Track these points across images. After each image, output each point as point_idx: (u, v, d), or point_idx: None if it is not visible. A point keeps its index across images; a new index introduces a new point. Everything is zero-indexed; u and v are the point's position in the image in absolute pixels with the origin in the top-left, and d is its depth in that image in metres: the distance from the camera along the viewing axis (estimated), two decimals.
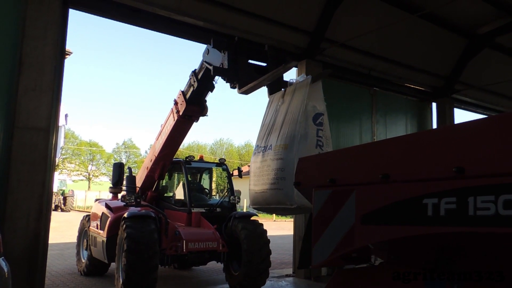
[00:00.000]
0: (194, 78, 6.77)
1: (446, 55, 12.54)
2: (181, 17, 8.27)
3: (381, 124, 12.11)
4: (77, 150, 57.96)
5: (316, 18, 9.68)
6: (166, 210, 8.50)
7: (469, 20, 11.43)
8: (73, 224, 22.32)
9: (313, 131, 4.27)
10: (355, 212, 2.37)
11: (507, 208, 1.64)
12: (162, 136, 8.24)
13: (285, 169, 4.06)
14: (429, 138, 2.10)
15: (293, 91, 4.62)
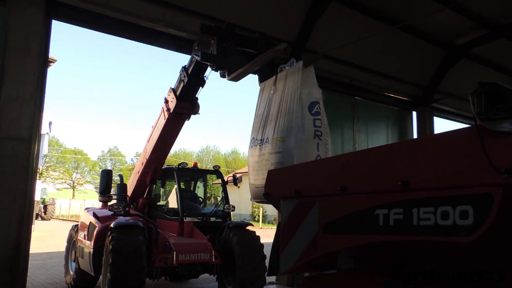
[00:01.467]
0: (184, 73, 6.54)
1: (425, 65, 12.89)
2: (164, 28, 8.40)
3: (362, 133, 12.36)
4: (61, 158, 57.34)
5: (297, 30, 9.91)
6: (158, 219, 8.20)
7: (447, 31, 11.81)
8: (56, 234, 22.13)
9: (310, 121, 4.08)
10: (318, 222, 2.53)
11: (444, 219, 1.81)
12: (153, 137, 7.95)
13: (284, 162, 3.90)
14: (379, 153, 2.27)
15: (284, 78, 4.37)
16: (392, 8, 10.45)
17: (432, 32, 11.74)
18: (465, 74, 13.50)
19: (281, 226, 2.85)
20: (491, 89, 1.68)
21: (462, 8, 10.44)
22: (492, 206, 1.63)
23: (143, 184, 8.39)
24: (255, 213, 35.01)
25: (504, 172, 1.59)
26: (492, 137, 1.65)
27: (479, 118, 1.69)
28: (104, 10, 7.65)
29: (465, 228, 1.72)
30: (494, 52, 12.88)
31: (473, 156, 1.71)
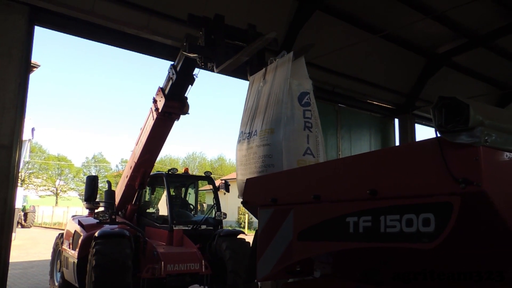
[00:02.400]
0: (173, 71, 6.30)
1: (407, 73, 13.15)
2: (149, 35, 8.42)
3: (346, 140, 12.52)
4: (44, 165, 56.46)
5: (282, 38, 10.03)
6: (147, 227, 7.98)
7: (428, 40, 12.08)
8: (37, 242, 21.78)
9: (300, 112, 3.92)
10: (293, 229, 2.59)
11: (408, 226, 1.90)
12: (142, 139, 7.69)
13: (273, 155, 3.73)
14: (350, 163, 2.36)
15: (274, 69, 4.22)
16: (375, 17, 10.67)
17: (414, 41, 12.00)
18: (445, 82, 13.80)
19: (258, 233, 2.91)
20: (450, 102, 1.77)
21: (442, 17, 10.71)
22: (452, 214, 1.72)
23: (132, 189, 8.13)
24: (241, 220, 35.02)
25: (462, 182, 1.68)
26: (451, 149, 1.74)
27: (439, 131, 1.78)
28: (88, 16, 7.65)
29: (428, 235, 1.81)
30: (473, 61, 13.21)
31: (435, 166, 1.80)
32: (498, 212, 1.66)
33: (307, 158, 3.73)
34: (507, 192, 1.72)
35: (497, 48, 12.49)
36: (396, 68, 12.76)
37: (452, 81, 13.89)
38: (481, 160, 1.65)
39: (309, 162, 3.68)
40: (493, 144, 1.70)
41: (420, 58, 12.84)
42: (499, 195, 1.66)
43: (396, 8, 10.18)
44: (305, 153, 3.77)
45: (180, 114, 6.94)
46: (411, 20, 10.15)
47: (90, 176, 7.63)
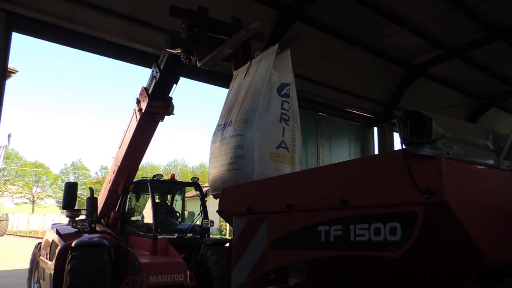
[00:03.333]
0: (156, 69, 6.04)
1: (385, 83, 13.43)
2: (129, 43, 8.42)
3: (326, 148, 12.67)
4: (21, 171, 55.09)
5: (262, 47, 10.12)
6: (130, 235, 7.67)
7: (405, 52, 12.39)
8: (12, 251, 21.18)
9: (277, 102, 3.70)
10: (267, 238, 2.63)
11: (376, 235, 1.95)
12: (125, 141, 7.37)
13: (245, 146, 3.53)
14: (321, 173, 2.42)
15: (258, 62, 4.07)
16: (354, 29, 10.89)
17: (392, 52, 12.29)
18: (422, 92, 14.15)
19: (233, 242, 2.93)
20: (415, 116, 1.84)
21: (419, 30, 11.02)
22: (416, 223, 1.78)
23: (115, 195, 7.79)
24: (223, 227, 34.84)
25: (425, 192, 1.75)
26: (415, 160, 1.81)
27: (404, 143, 1.85)
28: (68, 23, 7.61)
29: (394, 244, 1.86)
30: (449, 72, 13.60)
31: (401, 177, 1.86)
32: (459, 221, 1.73)
33: (281, 152, 3.57)
34: (468, 202, 1.79)
35: (471, 60, 12.89)
36: (375, 78, 13.02)
37: (429, 91, 14.25)
38: (443, 171, 1.72)
39: (282, 157, 3.54)
40: (455, 156, 1.78)
41: (397, 68, 13.15)
42: (460, 205, 1.74)
43: (374, 20, 10.43)
44: (279, 146, 3.59)
45: (165, 115, 6.70)
46: (389, 32, 10.41)
47: (69, 183, 7.24)
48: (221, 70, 9.96)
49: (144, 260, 6.52)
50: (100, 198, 8.09)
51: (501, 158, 1.97)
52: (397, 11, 10.25)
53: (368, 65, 12.49)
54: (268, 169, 3.43)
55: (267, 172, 3.40)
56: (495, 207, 1.94)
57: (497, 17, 10.62)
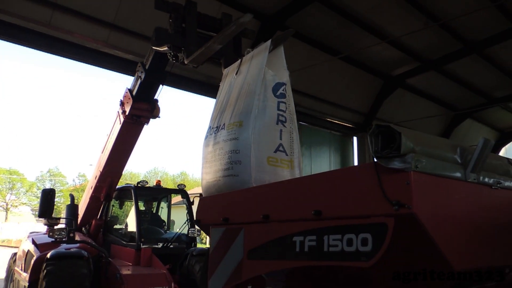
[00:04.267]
0: (141, 69, 5.76)
1: (365, 94, 13.68)
2: (109, 49, 8.37)
3: (306, 157, 12.78)
4: None
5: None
6: (113, 245, 7.34)
7: (384, 63, 12.66)
8: None
9: (273, 104, 3.52)
10: (243, 248, 2.65)
11: (349, 245, 2.00)
12: (108, 146, 7.03)
13: (240, 150, 3.34)
14: (296, 184, 2.46)
15: (250, 59, 3.84)
16: (335, 40, 11.07)
17: (371, 63, 12.55)
18: (400, 103, 14.46)
19: (210, 252, 2.94)
20: (385, 130, 1.90)
21: (397, 42, 11.29)
22: (386, 234, 1.83)
23: (97, 202, 7.43)
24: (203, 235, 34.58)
25: (395, 204, 1.80)
26: (386, 173, 1.87)
27: (376, 156, 1.90)
28: (46, 29, 7.52)
29: (365, 254, 1.91)
30: (426, 83, 13.94)
31: (372, 189, 1.92)
32: (427, 232, 1.79)
33: (279, 156, 3.38)
34: (435, 213, 1.85)
35: (447, 72, 13.27)
36: (355, 88, 13.25)
37: (407, 102, 14.57)
38: (412, 184, 1.78)
39: (281, 161, 3.36)
40: (423, 169, 1.84)
41: (377, 79, 13.42)
42: (428, 217, 1.79)
43: (355, 32, 10.64)
44: (277, 149, 3.40)
45: (150, 118, 6.40)
46: (369, 43, 10.64)
47: (46, 190, 6.83)
48: (202, 78, 10.00)
49: (126, 272, 6.23)
50: (81, 205, 7.80)
51: (467, 171, 2.04)
52: (376, 24, 10.49)
53: (348, 75, 12.71)
54: (266, 175, 3.26)
55: (265, 177, 3.23)
56: (461, 218, 2.01)
57: (471, 32, 10.97)
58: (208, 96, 10.75)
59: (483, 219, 2.15)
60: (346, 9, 9.82)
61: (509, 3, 9.66)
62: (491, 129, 18.85)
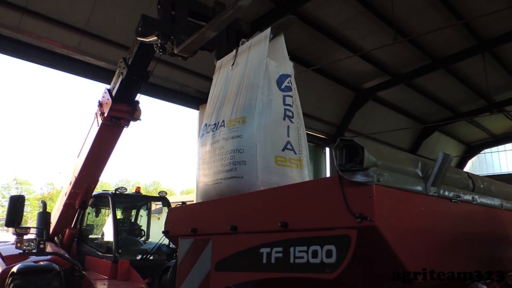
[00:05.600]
0: (123, 64, 5.34)
1: (337, 106, 13.93)
2: (80, 56, 8.23)
3: None
4: None
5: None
6: (87, 256, 6.86)
7: (356, 76, 12.97)
8: None
9: (279, 98, 3.23)
10: (211, 260, 2.64)
11: (314, 257, 2.03)
12: (85, 149, 6.56)
13: (245, 150, 3.04)
14: (264, 196, 2.48)
15: (247, 49, 3.54)
16: (308, 52, 11.26)
17: (344, 75, 12.82)
18: (371, 115, 14.79)
19: (178, 264, 2.91)
20: (349, 144, 1.95)
21: (369, 56, 11.59)
22: (350, 246, 1.87)
23: (71, 209, 6.91)
24: None
25: (358, 217, 1.85)
26: (349, 186, 1.92)
27: (340, 169, 1.95)
28: (14, 33, 7.33)
29: (330, 266, 1.94)
30: (396, 96, 14.33)
31: (336, 202, 1.96)
32: (388, 245, 1.84)
33: (287, 155, 3.10)
34: (397, 226, 1.91)
35: (416, 86, 13.69)
36: (327, 100, 13.47)
37: (378, 114, 14.93)
38: (374, 197, 1.83)
39: (289, 160, 3.10)
40: (385, 182, 1.90)
41: (349, 91, 13.70)
42: (389, 230, 1.85)
43: (327, 45, 10.86)
44: (285, 148, 3.11)
45: (131, 120, 6.02)
46: (341, 56, 10.87)
47: (14, 196, 6.36)
48: (175, 87, 9.96)
49: (101, 286, 5.88)
50: (54, 213, 7.32)
51: (428, 185, 2.11)
52: (348, 38, 10.75)
53: (321, 87, 12.92)
54: (274, 176, 2.97)
55: (273, 179, 2.95)
56: (422, 231, 2.08)
57: (439, 47, 11.40)
58: (181, 105, 10.71)
59: (443, 231, 2.23)
60: (319, 22, 10.03)
61: (474, 22, 10.10)
62: (458, 142, 19.52)
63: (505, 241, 2.73)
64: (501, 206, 2.71)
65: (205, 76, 10.26)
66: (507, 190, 2.90)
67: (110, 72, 8.53)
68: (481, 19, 9.52)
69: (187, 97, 10.44)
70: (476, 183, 2.55)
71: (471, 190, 2.51)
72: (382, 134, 14.97)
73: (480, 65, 11.79)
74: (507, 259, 2.69)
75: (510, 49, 11.64)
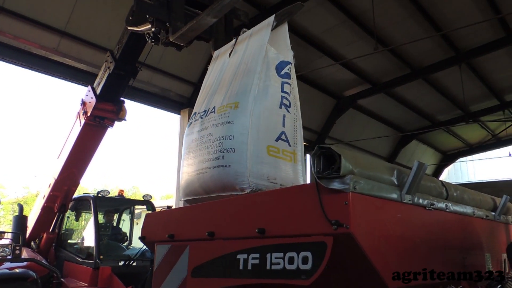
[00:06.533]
0: (111, 58, 5.02)
1: (318, 113, 14.04)
2: (59, 57, 8.09)
3: None
4: None
5: (201, 70, 10.22)
6: (66, 262, 6.53)
7: (337, 84, 13.12)
8: None
9: (277, 84, 2.99)
10: (188, 266, 2.61)
11: (290, 264, 2.03)
12: (65, 150, 6.25)
13: (235, 136, 2.79)
14: (241, 202, 2.48)
15: (248, 38, 3.35)
16: None
17: (325, 83, 12.96)
18: (352, 122, 14.97)
19: (154, 270, 2.88)
20: (327, 152, 1.97)
21: (350, 65, 11.76)
22: (326, 253, 1.89)
23: (50, 213, 6.63)
24: None
25: (334, 224, 1.87)
26: (326, 193, 1.94)
27: (317, 177, 1.97)
28: None
29: (305, 272, 1.95)
30: (376, 105, 14.55)
31: (313, 208, 1.97)
32: (363, 252, 1.86)
33: (281, 146, 2.88)
34: (372, 233, 1.94)
35: (395, 95, 13.94)
36: (309, 107, 13.55)
37: (358, 122, 15.12)
38: (350, 204, 1.86)
39: (283, 151, 2.88)
40: (361, 190, 1.92)
41: (330, 99, 13.84)
42: (364, 237, 1.87)
43: (310, 52, 10.96)
44: (279, 138, 2.88)
45: (115, 120, 5.74)
46: (323, 64, 11.00)
47: None
48: (156, 91, 9.89)
49: None
50: (31, 216, 7.03)
51: (403, 193, 2.15)
52: (330, 46, 10.89)
53: (303, 94, 12.86)
54: (265, 167, 2.77)
55: (264, 170, 2.76)
56: (397, 238, 2.11)
57: (418, 57, 11.65)
58: (162, 109, 10.63)
59: (417, 238, 2.27)
60: (301, 30, 10.13)
61: (452, 34, 10.37)
62: (435, 151, 19.93)
63: (476, 247, 2.80)
64: (473, 214, 2.77)
65: (186, 81, 10.24)
66: (479, 198, 2.98)
67: (89, 74, 8.42)
68: (459, 32, 9.79)
69: (168, 101, 10.37)
70: (450, 191, 2.61)
71: (444, 198, 2.56)
72: (362, 142, 15.16)
73: (457, 76, 12.11)
74: (478, 266, 2.75)
75: (486, 61, 11.99)
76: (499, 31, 10.38)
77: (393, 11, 9.64)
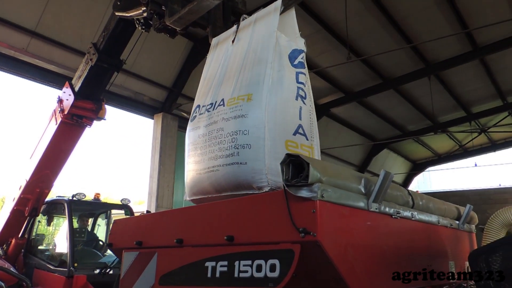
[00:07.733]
0: (93, 50, 4.73)
1: None
2: (29, 58, 7.87)
3: None
4: None
5: (175, 75, 10.16)
6: (37, 270, 6.19)
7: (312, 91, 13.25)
8: None
9: (291, 74, 2.81)
10: (155, 273, 2.57)
11: (258, 271, 2.03)
12: (39, 150, 5.90)
13: (250, 131, 2.61)
14: (209, 209, 2.47)
15: (252, 23, 3.13)
16: None
17: None
18: (326, 130, 15.15)
19: (121, 278, 2.82)
20: (296, 160, 1.99)
21: (324, 73, 11.93)
22: (293, 261, 1.90)
23: (20, 217, 6.26)
24: None
25: (301, 231, 1.88)
26: (295, 201, 1.95)
27: (286, 184, 1.98)
28: None
29: (273, 280, 1.96)
30: (348, 113, 14.80)
31: (282, 216, 1.98)
32: (330, 260, 1.88)
33: (299, 140, 2.70)
34: (338, 241, 1.96)
35: (367, 105, 14.23)
36: None
37: (331, 130, 15.32)
38: (317, 212, 1.87)
39: (301, 146, 2.70)
40: (329, 198, 1.95)
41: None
42: (331, 245, 1.89)
43: None
44: (297, 132, 2.70)
45: (94, 119, 5.48)
46: None
47: None
48: (129, 94, 9.75)
49: None
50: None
51: (370, 201, 2.19)
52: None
53: None
54: None
55: None
56: (363, 246, 2.14)
57: (389, 68, 11.94)
58: (135, 113, 10.46)
59: (384, 246, 2.31)
60: None
61: (422, 46, 10.69)
62: (405, 160, 20.41)
63: (441, 255, 2.87)
64: (438, 223, 2.85)
65: (160, 85, 10.14)
66: (444, 207, 3.06)
67: (60, 76, 8.22)
68: (429, 44, 10.10)
69: (141, 106, 10.23)
70: (416, 200, 2.67)
71: (410, 206, 2.63)
72: (335, 150, 15.35)
73: (427, 87, 12.46)
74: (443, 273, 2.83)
75: (453, 74, 12.41)
76: (466, 45, 10.77)
77: (366, 23, 9.86)
